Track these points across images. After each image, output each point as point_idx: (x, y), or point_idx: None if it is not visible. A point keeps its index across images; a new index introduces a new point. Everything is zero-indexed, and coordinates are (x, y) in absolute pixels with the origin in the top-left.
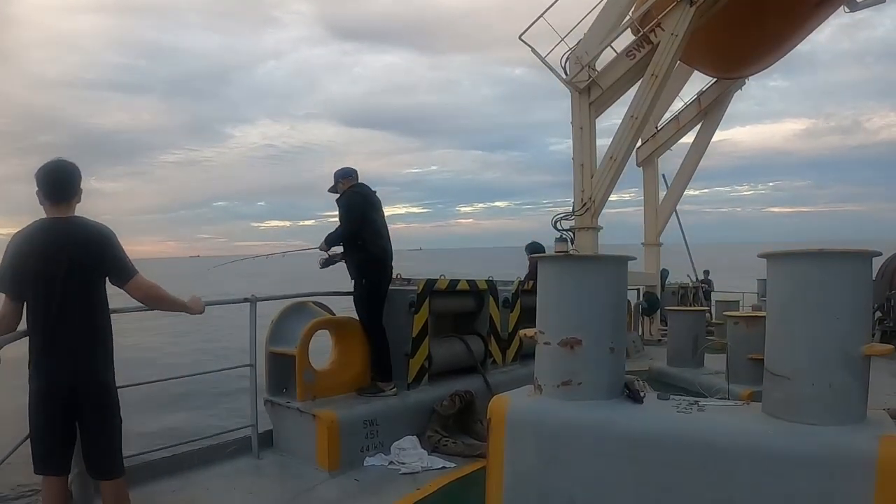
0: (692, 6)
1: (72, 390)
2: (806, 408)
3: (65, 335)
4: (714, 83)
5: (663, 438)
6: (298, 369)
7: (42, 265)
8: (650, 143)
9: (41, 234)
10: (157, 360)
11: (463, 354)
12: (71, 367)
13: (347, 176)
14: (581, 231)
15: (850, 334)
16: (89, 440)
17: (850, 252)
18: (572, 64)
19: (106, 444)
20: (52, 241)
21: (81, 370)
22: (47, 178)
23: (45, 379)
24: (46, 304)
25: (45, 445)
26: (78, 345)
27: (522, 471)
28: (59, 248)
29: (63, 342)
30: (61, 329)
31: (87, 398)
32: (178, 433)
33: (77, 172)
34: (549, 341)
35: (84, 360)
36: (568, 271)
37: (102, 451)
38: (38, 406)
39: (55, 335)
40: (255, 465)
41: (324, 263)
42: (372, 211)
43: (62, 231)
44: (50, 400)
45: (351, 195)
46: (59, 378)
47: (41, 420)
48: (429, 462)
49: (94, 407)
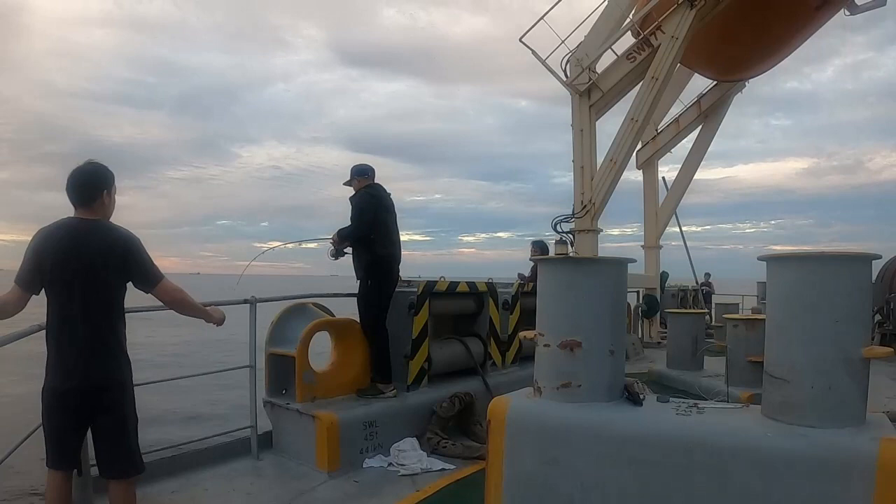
0: (693, 9)
1: (86, 389)
2: (805, 410)
3: (82, 334)
4: (714, 86)
5: (663, 441)
6: (298, 370)
7: (60, 264)
8: (650, 145)
9: (61, 232)
10: (155, 360)
11: (462, 356)
12: (87, 366)
13: (364, 174)
14: (581, 233)
15: (850, 337)
16: (105, 439)
17: (849, 255)
18: (573, 66)
19: (121, 443)
20: (70, 241)
21: (97, 369)
22: (70, 179)
23: (60, 377)
24: (64, 302)
25: (57, 441)
26: (95, 344)
27: (522, 473)
28: (77, 249)
29: (80, 341)
30: (79, 328)
31: (103, 397)
32: (177, 434)
33: (101, 177)
34: (548, 343)
35: (100, 359)
36: (568, 273)
37: (117, 451)
38: (52, 404)
39: (72, 334)
40: (254, 466)
41: (335, 254)
42: (384, 213)
43: (82, 233)
44: (64, 398)
45: (363, 196)
46: (74, 376)
47: (55, 418)
48: (428, 464)
49: (110, 406)
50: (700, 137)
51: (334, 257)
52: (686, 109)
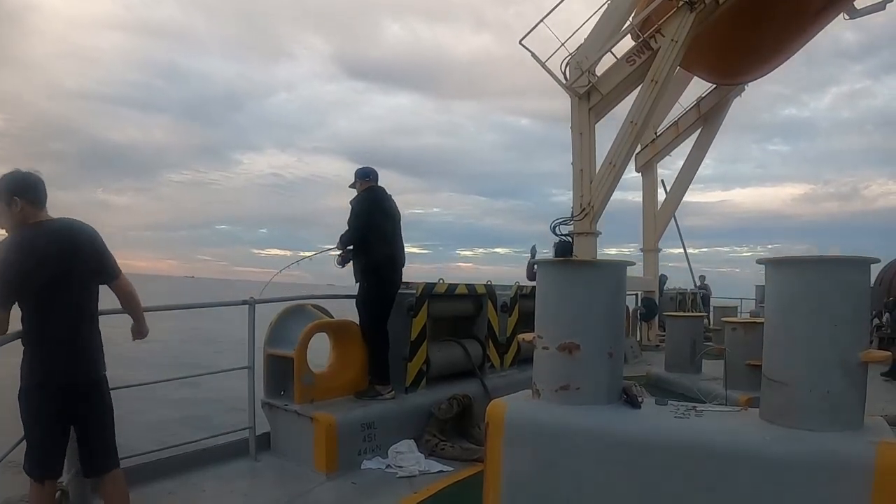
0: (693, 12)
1: (73, 387)
2: (803, 414)
3: (69, 333)
4: (713, 89)
5: (661, 444)
6: (297, 372)
7: (48, 268)
8: (649, 148)
9: (44, 237)
10: (150, 361)
11: (461, 358)
12: (73, 364)
13: (366, 176)
14: (580, 236)
15: (848, 341)
16: (93, 437)
17: (848, 259)
18: (572, 69)
19: (108, 438)
20: (57, 242)
21: (83, 366)
22: (37, 184)
23: (44, 374)
24: (49, 303)
25: (44, 447)
26: (81, 342)
27: (520, 475)
28: (64, 249)
29: (67, 339)
30: (65, 327)
31: (90, 394)
32: (174, 435)
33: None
34: (547, 346)
35: (87, 356)
36: (566, 276)
37: (105, 446)
38: (38, 406)
39: (59, 333)
40: (252, 467)
41: (341, 261)
42: (381, 216)
43: (65, 233)
44: (51, 398)
45: (361, 200)
46: (60, 375)
47: (42, 420)
48: (426, 466)
49: (97, 403)
50: (699, 140)
51: (341, 265)
52: (685, 112)
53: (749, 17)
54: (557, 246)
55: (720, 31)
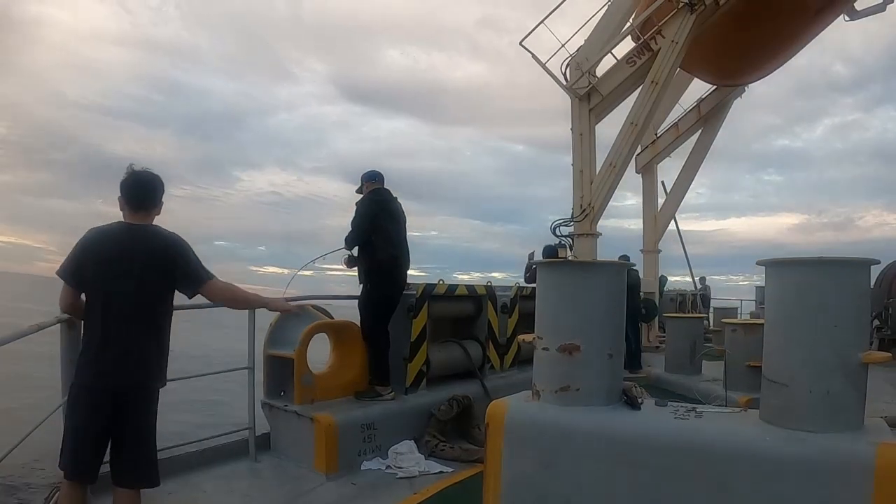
0: (693, 13)
1: (118, 392)
2: (803, 415)
3: (122, 336)
4: (714, 90)
5: (661, 445)
6: (297, 372)
7: (109, 266)
8: (649, 149)
9: (116, 236)
10: None
11: (461, 359)
12: (121, 368)
13: (372, 179)
14: (580, 237)
15: (848, 342)
16: (126, 445)
17: (848, 260)
18: (572, 70)
19: (140, 455)
20: (124, 244)
21: (131, 372)
22: (133, 186)
23: (92, 375)
24: (107, 304)
25: (74, 447)
26: (133, 347)
27: (520, 476)
28: (130, 253)
29: (119, 343)
30: (119, 330)
31: (131, 403)
32: (174, 435)
33: (161, 185)
34: (547, 347)
35: (136, 363)
36: (567, 277)
37: (139, 457)
38: (79, 401)
39: (112, 335)
40: (252, 467)
41: (348, 262)
42: (386, 219)
43: (136, 237)
44: (91, 399)
45: (366, 203)
46: (105, 378)
47: (76, 420)
48: (426, 466)
49: (135, 413)
50: (699, 141)
51: (348, 266)
52: (686, 114)
53: (749, 19)
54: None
55: (720, 32)
